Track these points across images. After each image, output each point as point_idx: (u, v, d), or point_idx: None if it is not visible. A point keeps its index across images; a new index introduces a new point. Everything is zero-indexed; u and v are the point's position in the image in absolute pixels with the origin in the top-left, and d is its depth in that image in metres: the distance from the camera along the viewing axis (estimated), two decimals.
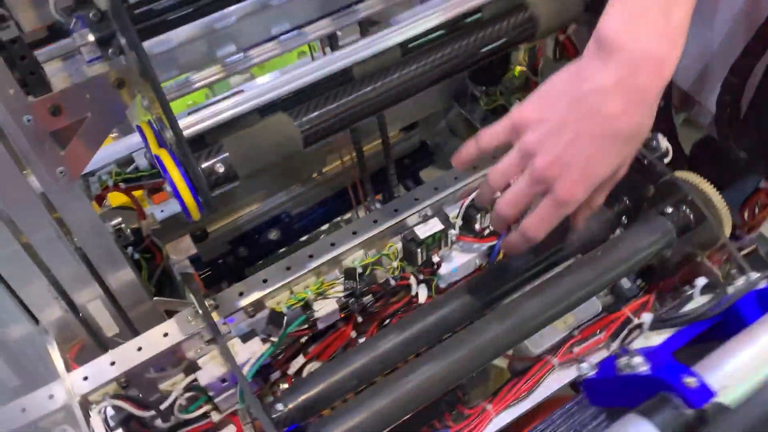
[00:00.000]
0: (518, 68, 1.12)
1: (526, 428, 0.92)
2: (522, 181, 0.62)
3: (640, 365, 0.51)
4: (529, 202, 0.64)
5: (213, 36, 0.65)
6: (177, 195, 0.56)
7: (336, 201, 1.17)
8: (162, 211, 1.03)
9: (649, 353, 0.52)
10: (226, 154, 0.58)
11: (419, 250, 0.84)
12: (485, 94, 1.14)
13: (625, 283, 0.91)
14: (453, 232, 0.86)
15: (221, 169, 0.58)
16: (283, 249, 1.18)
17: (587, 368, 0.60)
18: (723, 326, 0.53)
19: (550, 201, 0.61)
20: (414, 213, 0.82)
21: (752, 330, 0.50)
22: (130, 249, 0.91)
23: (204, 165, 0.58)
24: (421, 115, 1.18)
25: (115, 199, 0.96)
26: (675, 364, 0.48)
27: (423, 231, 0.83)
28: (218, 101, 0.61)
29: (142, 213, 0.91)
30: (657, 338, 0.55)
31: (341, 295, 0.80)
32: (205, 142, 0.61)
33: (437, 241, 0.85)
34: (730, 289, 0.55)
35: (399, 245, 0.85)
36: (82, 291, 0.77)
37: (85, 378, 0.72)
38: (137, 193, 0.95)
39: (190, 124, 0.58)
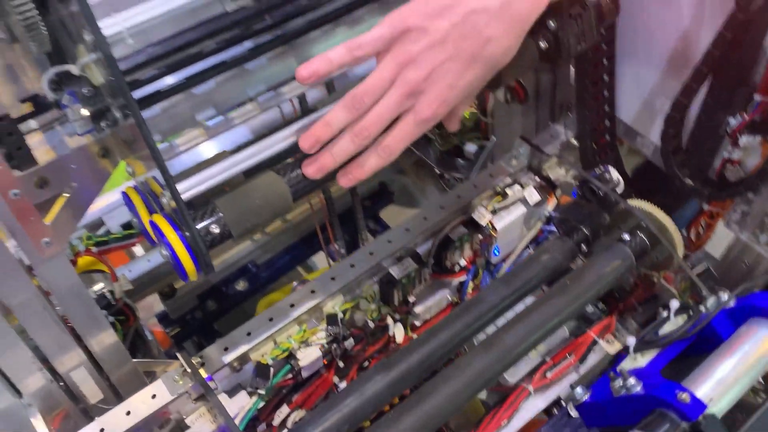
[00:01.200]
0: (469, 111, 1.18)
1: None
2: (393, 93, 0.62)
3: (634, 386, 0.55)
4: (392, 118, 0.63)
5: (193, 101, 0.67)
6: (176, 259, 0.57)
7: (301, 246, 1.19)
8: (130, 271, 1.03)
9: (639, 374, 0.56)
10: (220, 214, 0.60)
11: (395, 290, 0.87)
12: (439, 137, 1.20)
13: (588, 307, 0.97)
14: (426, 271, 0.89)
15: (216, 230, 0.59)
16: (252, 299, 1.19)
17: (581, 393, 0.64)
18: (698, 342, 0.59)
19: (412, 117, 0.63)
20: (389, 256, 0.85)
21: (729, 344, 0.56)
22: (104, 312, 0.90)
23: (199, 226, 0.59)
24: None
25: (81, 263, 0.95)
26: (667, 382, 0.53)
27: (398, 271, 0.86)
28: (205, 167, 0.63)
29: (115, 275, 0.91)
30: (642, 359, 0.60)
31: (324, 341, 0.82)
32: (192, 204, 0.63)
33: (412, 280, 0.88)
34: (703, 309, 0.61)
35: (376, 287, 0.88)
36: (66, 359, 0.76)
37: None
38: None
39: (184, 189, 0.60)
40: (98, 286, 0.81)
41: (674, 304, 0.64)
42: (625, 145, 1.06)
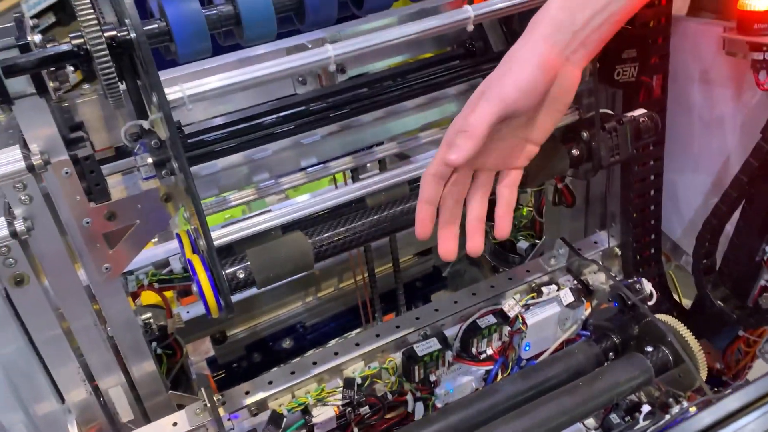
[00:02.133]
0: (526, 209, 1.23)
1: None
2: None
3: None
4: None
5: (251, 164, 0.77)
6: (201, 295, 0.65)
7: (348, 316, 1.25)
8: (188, 312, 1.12)
9: None
10: (248, 263, 0.68)
11: (417, 367, 0.90)
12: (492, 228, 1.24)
13: (614, 418, 0.96)
14: (450, 353, 0.93)
15: (242, 275, 0.67)
16: (296, 359, 1.25)
17: None
18: None
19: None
20: (414, 331, 0.90)
21: None
22: (154, 344, 0.99)
23: (228, 271, 0.67)
24: (434, 242, 1.28)
25: (148, 297, 1.05)
26: None
27: (422, 349, 0.90)
28: (249, 217, 0.71)
29: (170, 312, 1.00)
30: None
31: (339, 403, 0.86)
32: (233, 251, 0.71)
33: (435, 360, 0.91)
34: (668, 416, 0.61)
35: (398, 361, 0.91)
36: (108, 377, 0.84)
37: None
38: (168, 294, 1.05)
39: (222, 235, 0.68)
40: (146, 315, 0.90)
41: (645, 408, 0.65)
42: (672, 263, 1.06)
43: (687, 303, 1.11)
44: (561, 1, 0.61)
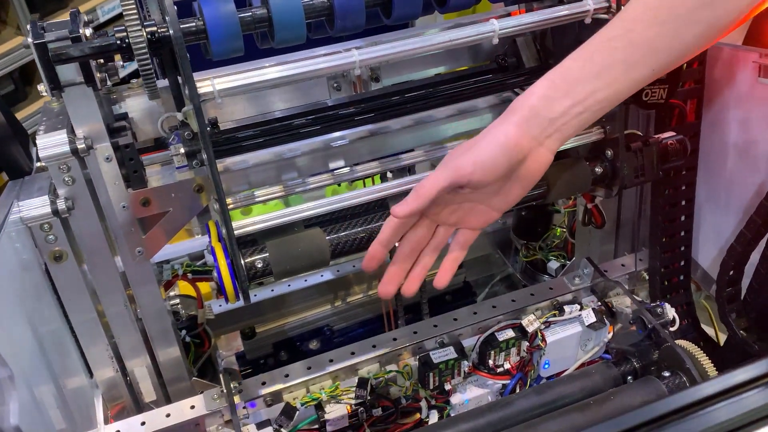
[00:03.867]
0: (559, 229, 1.23)
1: None
2: None
3: None
4: None
5: (280, 163, 0.80)
6: (220, 280, 0.68)
7: (375, 324, 1.26)
8: (220, 306, 1.17)
9: None
10: (267, 254, 0.71)
11: (432, 373, 0.91)
12: (525, 248, 1.24)
13: None
14: (466, 363, 0.93)
15: (259, 265, 0.70)
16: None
17: None
18: None
19: None
20: (431, 338, 0.91)
21: None
22: (183, 332, 1.03)
23: (247, 260, 0.71)
24: (467, 256, 1.29)
25: (184, 288, 1.10)
26: None
27: (437, 356, 0.91)
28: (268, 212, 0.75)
29: (201, 303, 1.04)
30: None
31: (352, 402, 0.88)
32: (255, 242, 0.74)
33: (450, 368, 0.92)
34: None
35: (414, 366, 0.93)
36: (135, 358, 0.89)
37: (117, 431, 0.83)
38: (206, 288, 1.09)
39: (244, 225, 0.71)
40: (174, 301, 0.94)
41: None
42: (703, 293, 1.04)
43: (723, 338, 1.08)
44: (544, 88, 0.63)
